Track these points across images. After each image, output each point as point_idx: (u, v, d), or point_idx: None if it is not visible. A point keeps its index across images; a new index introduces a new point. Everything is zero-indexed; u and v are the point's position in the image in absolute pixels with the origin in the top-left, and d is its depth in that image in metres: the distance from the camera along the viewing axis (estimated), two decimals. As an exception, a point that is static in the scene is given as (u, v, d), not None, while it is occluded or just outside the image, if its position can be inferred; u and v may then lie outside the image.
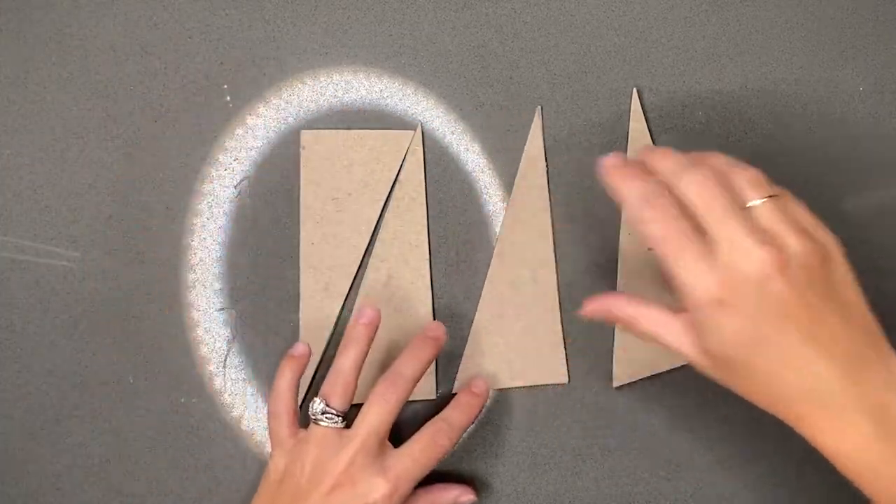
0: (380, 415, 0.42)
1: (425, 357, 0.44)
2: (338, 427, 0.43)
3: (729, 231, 0.35)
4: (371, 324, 0.44)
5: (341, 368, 0.44)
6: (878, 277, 0.51)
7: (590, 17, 0.53)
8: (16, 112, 0.50)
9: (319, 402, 0.43)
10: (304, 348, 0.46)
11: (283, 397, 0.44)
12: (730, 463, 0.48)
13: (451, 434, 0.43)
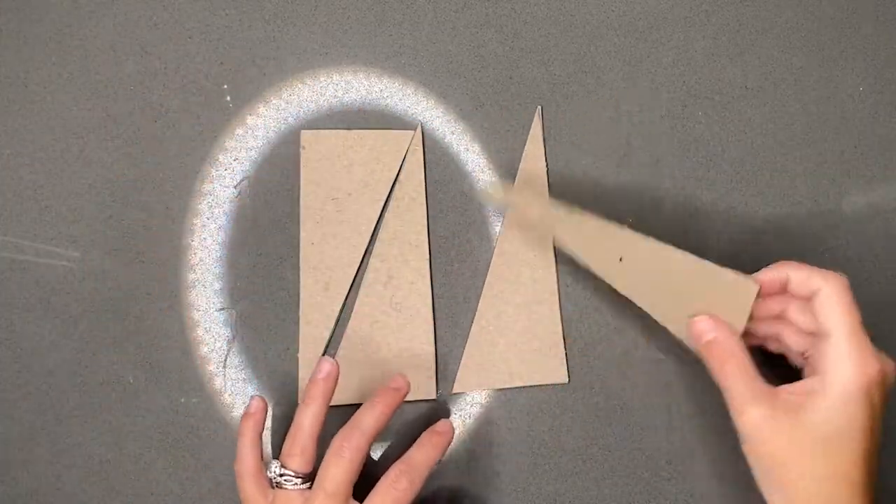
0: (337, 474, 0.41)
1: (385, 409, 0.43)
2: (299, 489, 0.42)
3: None
4: (328, 378, 0.44)
5: (300, 427, 0.42)
6: (878, 277, 0.51)
7: (590, 17, 0.53)
8: (16, 112, 0.50)
9: (277, 467, 0.42)
10: (258, 403, 0.45)
11: (246, 458, 0.44)
12: (729, 463, 0.48)
13: (411, 475, 0.42)
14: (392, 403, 0.43)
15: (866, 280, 0.51)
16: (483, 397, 0.49)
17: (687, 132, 0.52)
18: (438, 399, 0.48)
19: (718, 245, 0.50)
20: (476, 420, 0.49)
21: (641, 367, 0.49)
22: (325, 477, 0.41)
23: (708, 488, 0.48)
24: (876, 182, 0.52)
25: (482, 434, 0.48)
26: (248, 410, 0.45)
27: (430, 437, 0.44)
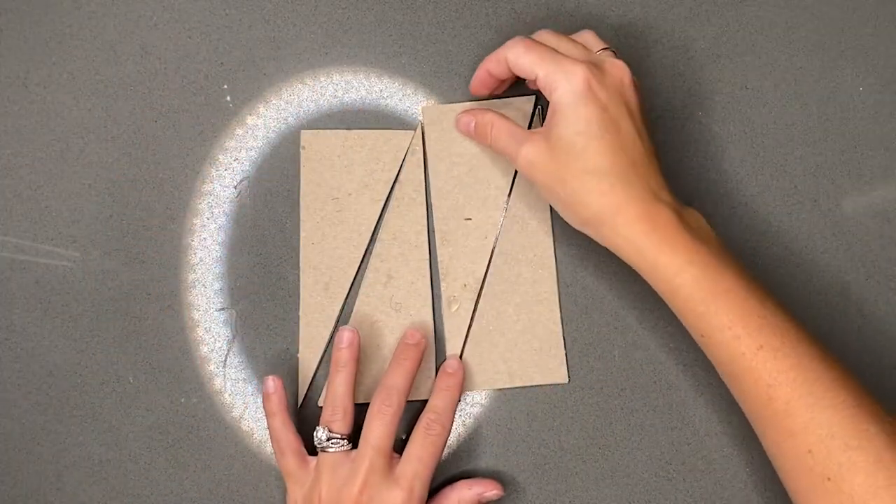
0: (381, 431, 0.43)
1: (411, 365, 0.45)
2: (345, 450, 0.44)
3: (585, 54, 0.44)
4: (352, 346, 0.46)
5: (336, 393, 0.45)
6: (878, 277, 0.51)
7: (589, 17, 0.53)
8: (16, 112, 0.50)
9: (323, 431, 0.44)
10: (274, 382, 0.46)
11: (283, 435, 0.45)
12: (729, 463, 0.48)
13: (441, 420, 0.45)
14: (416, 358, 0.46)
15: (866, 280, 0.51)
16: (483, 397, 0.49)
17: (687, 132, 0.52)
18: (438, 399, 0.48)
19: (718, 245, 0.50)
20: (476, 420, 0.49)
21: (641, 367, 0.49)
22: (371, 435, 0.43)
23: (708, 488, 0.48)
24: (876, 182, 0.52)
25: (482, 434, 0.48)
26: (266, 391, 0.46)
27: (446, 381, 0.47)
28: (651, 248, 0.41)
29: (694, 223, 0.42)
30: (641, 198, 0.41)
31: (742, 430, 0.49)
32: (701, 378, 0.49)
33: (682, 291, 0.41)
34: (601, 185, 0.42)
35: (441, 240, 0.49)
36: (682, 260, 0.40)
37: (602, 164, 0.42)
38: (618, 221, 0.41)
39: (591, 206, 0.42)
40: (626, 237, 0.42)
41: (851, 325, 0.44)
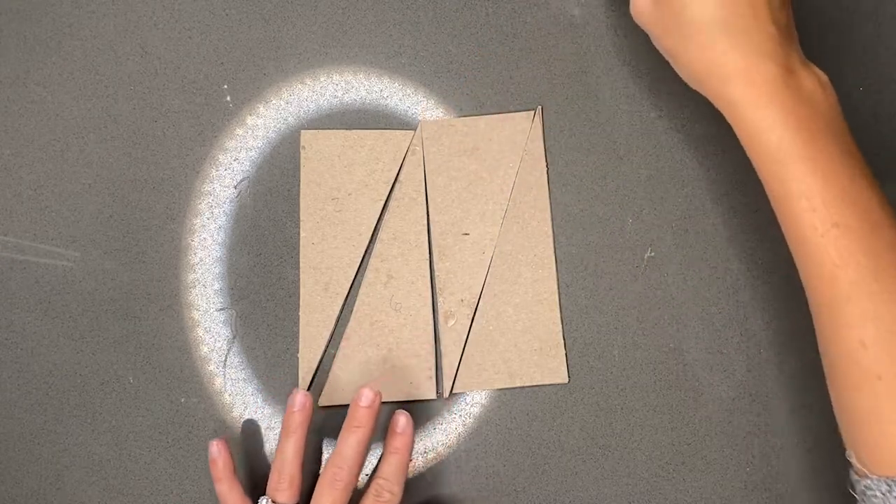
0: (333, 502, 0.43)
1: (364, 433, 0.44)
2: None
3: None
4: (304, 409, 0.44)
5: (284, 460, 0.44)
6: (878, 277, 0.51)
7: (589, 17, 0.53)
8: (16, 112, 0.50)
9: (267, 501, 0.43)
10: (218, 445, 0.45)
11: (227, 499, 0.44)
12: (729, 463, 0.48)
13: (390, 486, 0.44)
14: (371, 423, 0.44)
15: (866, 280, 0.51)
16: (483, 397, 0.49)
17: (687, 132, 0.52)
18: (438, 399, 0.48)
19: (719, 245, 0.50)
20: (476, 420, 0.49)
21: (641, 367, 0.49)
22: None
23: (708, 488, 0.48)
24: (876, 182, 0.52)
25: (482, 434, 0.48)
26: (211, 456, 0.45)
27: (394, 443, 0.45)
28: (745, 103, 0.39)
29: (808, 84, 0.39)
30: (743, 52, 0.39)
31: (742, 431, 0.49)
32: (701, 378, 0.49)
33: (767, 149, 0.38)
34: (700, 38, 0.39)
35: (439, 254, 0.49)
36: (774, 119, 0.38)
37: (703, 14, 0.39)
38: (717, 77, 0.40)
39: (692, 62, 0.40)
40: (723, 93, 0.40)
41: (851, 325, 0.44)
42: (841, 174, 0.37)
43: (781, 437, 0.48)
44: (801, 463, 0.48)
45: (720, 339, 0.49)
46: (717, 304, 0.50)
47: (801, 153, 0.37)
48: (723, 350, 0.49)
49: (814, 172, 0.37)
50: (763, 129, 0.38)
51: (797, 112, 0.38)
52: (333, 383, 0.48)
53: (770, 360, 0.49)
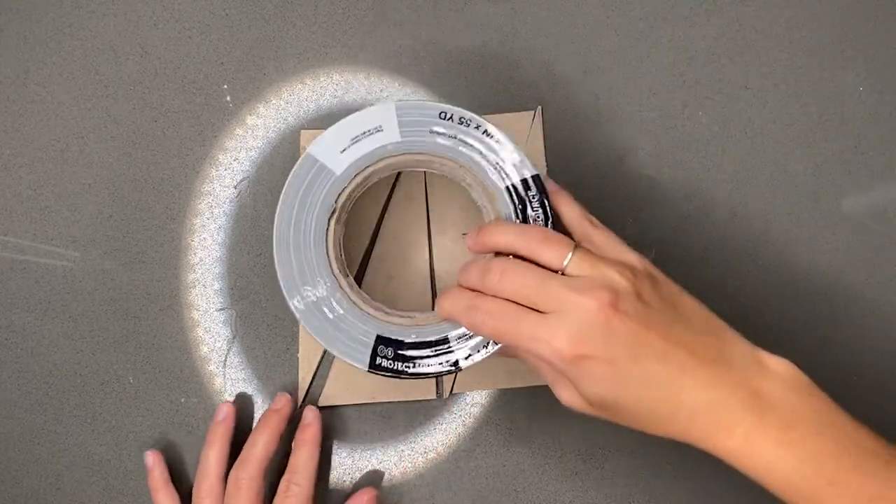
0: None
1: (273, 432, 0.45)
2: None
3: (553, 296, 0.37)
4: (228, 419, 0.46)
5: (205, 471, 0.45)
6: (878, 277, 0.51)
7: (590, 17, 0.53)
8: (16, 112, 0.50)
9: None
10: (153, 457, 0.46)
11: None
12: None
13: (299, 480, 0.44)
14: (277, 426, 0.46)
15: (866, 280, 0.51)
16: (483, 397, 0.49)
17: (687, 132, 0.52)
18: (438, 399, 0.48)
19: (719, 245, 0.50)
20: (476, 420, 0.49)
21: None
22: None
23: (708, 488, 0.48)
24: (876, 182, 0.52)
25: (482, 434, 0.48)
26: (148, 466, 0.46)
27: (302, 435, 0.46)
28: (733, 457, 0.38)
29: (778, 396, 0.37)
30: (704, 409, 0.37)
31: (742, 430, 0.49)
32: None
33: (778, 489, 0.38)
34: (659, 421, 0.38)
35: (438, 255, 0.49)
36: (768, 459, 0.37)
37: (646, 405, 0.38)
38: (694, 439, 0.38)
39: (664, 433, 0.39)
40: (709, 449, 0.38)
41: (852, 325, 0.44)
42: (861, 480, 0.37)
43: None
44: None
45: (720, 339, 0.49)
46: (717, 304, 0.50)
47: (815, 483, 0.37)
48: (723, 350, 0.49)
49: (841, 497, 0.37)
50: (763, 472, 0.38)
51: (786, 439, 0.37)
52: (333, 383, 0.48)
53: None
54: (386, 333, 0.40)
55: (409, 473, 0.48)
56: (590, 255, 0.39)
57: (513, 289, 0.38)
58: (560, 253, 0.38)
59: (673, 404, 0.37)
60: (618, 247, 0.41)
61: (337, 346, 0.40)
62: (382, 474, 0.48)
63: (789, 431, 0.37)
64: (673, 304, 0.39)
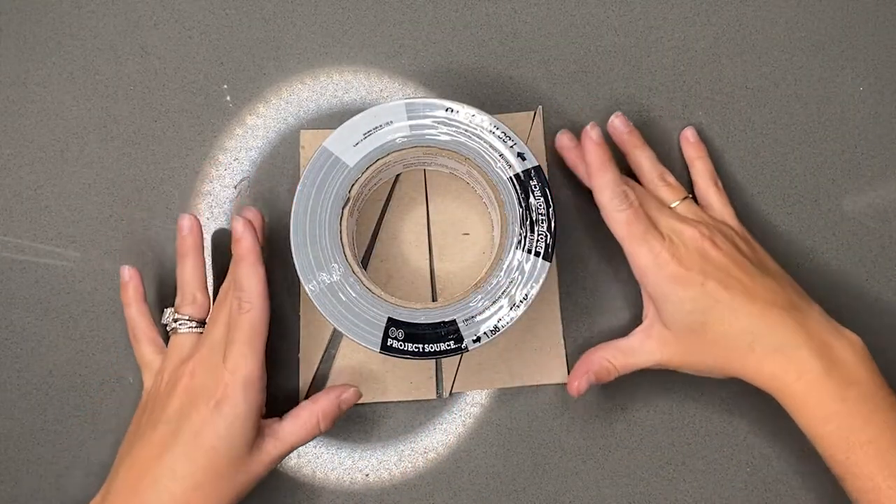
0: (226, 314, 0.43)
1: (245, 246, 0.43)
2: (194, 332, 0.44)
3: (663, 221, 0.44)
4: (193, 231, 0.46)
5: (184, 281, 0.45)
6: (878, 277, 0.51)
7: (590, 17, 0.53)
8: (16, 112, 0.50)
9: (170, 313, 0.45)
10: (129, 271, 0.46)
11: (138, 323, 0.46)
12: (729, 463, 0.48)
13: (250, 298, 0.42)
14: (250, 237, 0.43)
15: (866, 280, 0.51)
16: (483, 397, 0.49)
17: (687, 132, 0.52)
18: (438, 399, 0.48)
19: (718, 245, 0.50)
20: (476, 420, 0.49)
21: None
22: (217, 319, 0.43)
23: (708, 488, 0.48)
24: (876, 182, 0.52)
25: (482, 434, 0.48)
26: (123, 281, 0.46)
27: (236, 251, 0.43)
28: (794, 401, 0.41)
29: (846, 357, 0.41)
30: (779, 348, 0.41)
31: (742, 431, 0.49)
32: (701, 378, 0.49)
33: (825, 441, 0.41)
34: (735, 351, 0.42)
35: (438, 254, 0.49)
36: (826, 411, 0.40)
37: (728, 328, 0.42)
38: (763, 376, 0.42)
39: (734, 369, 0.43)
40: (769, 390, 0.42)
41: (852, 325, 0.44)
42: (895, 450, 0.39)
43: (781, 437, 0.48)
44: (801, 463, 0.48)
45: (720, 339, 0.49)
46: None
47: (858, 439, 0.40)
48: (723, 350, 0.49)
49: (870, 457, 0.40)
50: (818, 421, 0.41)
51: (844, 397, 0.40)
52: (333, 383, 0.48)
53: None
54: (396, 316, 0.42)
55: (409, 473, 0.48)
56: (695, 206, 0.47)
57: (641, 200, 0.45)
58: (673, 195, 0.47)
59: (753, 336, 0.41)
60: (726, 210, 0.48)
61: (350, 329, 0.42)
62: (382, 474, 0.48)
63: (850, 388, 0.40)
64: (762, 262, 0.45)
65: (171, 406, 0.41)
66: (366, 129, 0.44)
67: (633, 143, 0.49)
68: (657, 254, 0.43)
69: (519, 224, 0.43)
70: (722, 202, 0.48)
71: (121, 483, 0.40)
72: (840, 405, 0.40)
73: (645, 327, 0.46)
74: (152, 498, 0.39)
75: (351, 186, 0.43)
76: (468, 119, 0.44)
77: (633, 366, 0.45)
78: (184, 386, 0.41)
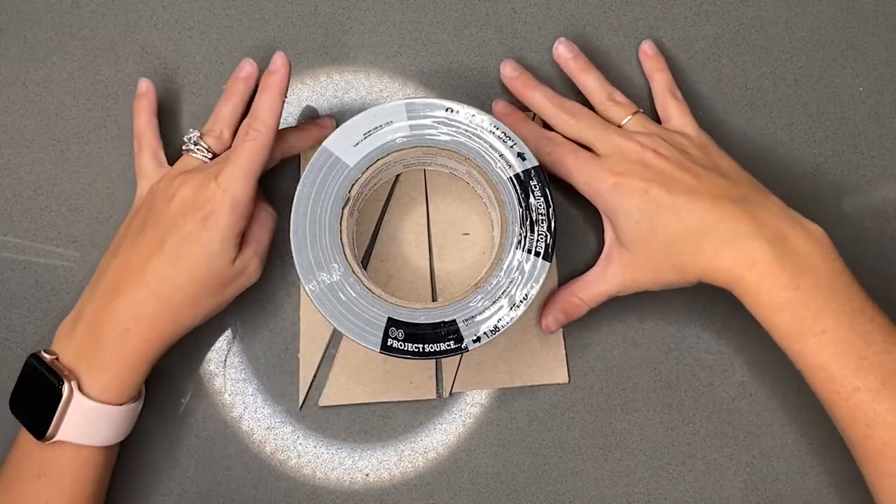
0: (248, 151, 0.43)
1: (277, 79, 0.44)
2: (205, 160, 0.46)
3: (607, 138, 0.45)
4: (250, 78, 0.47)
5: (219, 116, 0.46)
6: (878, 277, 0.51)
7: (590, 17, 0.53)
8: (16, 112, 0.50)
9: (195, 133, 0.46)
10: (147, 83, 0.48)
11: (146, 134, 0.47)
12: (730, 463, 0.48)
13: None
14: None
15: (866, 280, 0.51)
16: (483, 397, 0.49)
17: (687, 132, 0.52)
18: (438, 399, 0.48)
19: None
20: (476, 420, 0.49)
21: (641, 367, 0.49)
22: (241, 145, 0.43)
23: (708, 488, 0.48)
24: (876, 182, 0.52)
25: (482, 434, 0.48)
26: (139, 91, 0.48)
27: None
28: (747, 289, 0.41)
29: (802, 246, 0.41)
30: (729, 240, 0.41)
31: (742, 431, 0.49)
32: (701, 378, 0.49)
33: (778, 331, 0.40)
34: (686, 251, 0.42)
35: (438, 254, 0.49)
36: (778, 299, 0.40)
37: (676, 230, 0.42)
38: (717, 270, 0.41)
39: (691, 271, 0.42)
40: (725, 284, 0.42)
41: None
42: (855, 339, 0.39)
43: (781, 437, 0.48)
44: (801, 463, 0.48)
45: (720, 339, 0.49)
46: (717, 303, 0.50)
47: (809, 329, 0.39)
48: (723, 350, 0.49)
49: (824, 346, 0.39)
50: (771, 310, 0.40)
51: (798, 286, 0.39)
52: (333, 383, 0.48)
53: (770, 360, 0.48)
54: (396, 316, 0.42)
55: (409, 473, 0.48)
56: (646, 120, 0.47)
57: (578, 128, 0.46)
58: (622, 113, 0.47)
59: (701, 233, 0.41)
60: (684, 118, 0.48)
61: (350, 329, 0.41)
62: (382, 474, 0.48)
63: (803, 277, 0.40)
64: (715, 163, 0.44)
65: (163, 214, 0.42)
66: (366, 129, 0.44)
67: (579, 67, 0.49)
68: (593, 172, 0.44)
69: (519, 224, 0.43)
70: (680, 111, 0.48)
71: (106, 285, 0.42)
72: (793, 293, 0.39)
73: (605, 253, 0.46)
74: (138, 294, 0.41)
75: (351, 186, 0.43)
76: (468, 119, 0.44)
77: (601, 294, 0.45)
78: (180, 196, 0.42)
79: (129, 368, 0.41)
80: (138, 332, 0.41)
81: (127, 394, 0.42)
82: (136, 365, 0.42)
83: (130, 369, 0.41)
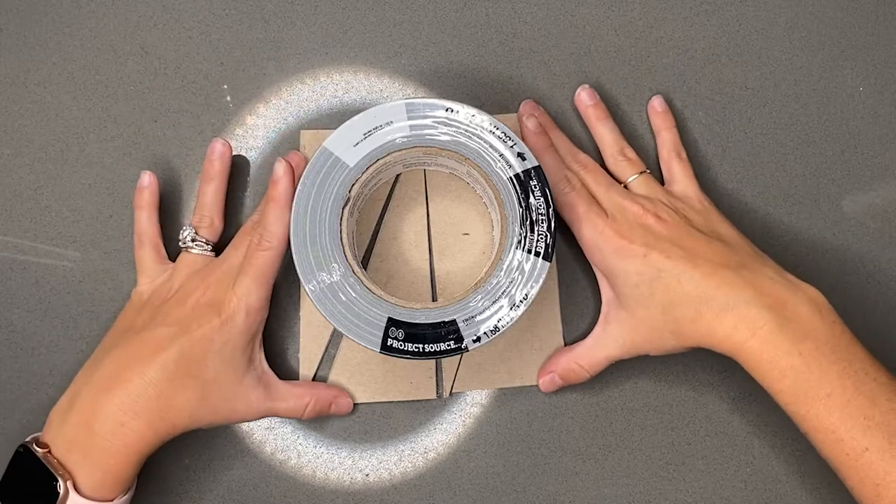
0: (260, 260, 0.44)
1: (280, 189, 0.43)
2: (207, 254, 0.46)
3: (611, 199, 0.46)
4: (224, 156, 0.47)
5: (204, 204, 0.47)
6: (878, 277, 0.51)
7: (590, 17, 0.53)
8: (16, 112, 0.50)
9: (189, 230, 0.46)
10: (149, 177, 0.48)
11: (147, 228, 0.47)
12: (729, 463, 0.48)
13: (271, 238, 0.43)
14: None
15: (866, 280, 0.51)
16: (483, 397, 0.49)
17: (687, 132, 0.52)
18: (438, 399, 0.48)
19: (718, 245, 0.50)
20: (476, 420, 0.49)
21: (641, 367, 0.49)
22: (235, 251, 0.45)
23: (708, 488, 0.48)
24: (876, 182, 0.52)
25: (482, 434, 0.48)
26: (140, 185, 0.48)
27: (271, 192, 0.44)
28: (748, 357, 0.41)
29: (801, 310, 0.41)
30: (729, 307, 0.41)
31: (742, 431, 0.49)
32: (701, 378, 0.49)
33: (783, 396, 0.40)
34: (685, 318, 0.42)
35: (438, 254, 0.49)
36: (782, 366, 0.40)
37: (675, 296, 0.42)
38: (717, 338, 0.41)
39: (690, 337, 0.42)
40: (725, 350, 0.42)
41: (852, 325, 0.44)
42: (861, 400, 0.39)
43: (781, 437, 0.48)
44: (801, 463, 0.48)
45: (720, 339, 0.49)
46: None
47: (816, 393, 0.39)
48: (723, 350, 0.49)
49: (830, 409, 0.39)
50: (775, 377, 0.40)
51: (802, 350, 0.40)
52: (333, 383, 0.48)
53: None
54: (396, 316, 0.42)
55: (409, 473, 0.48)
56: (652, 181, 0.48)
57: (584, 182, 0.47)
58: (630, 170, 0.48)
59: (700, 300, 0.42)
60: (687, 181, 0.48)
61: (350, 329, 0.42)
62: (382, 474, 0.48)
63: (805, 343, 0.40)
64: (715, 230, 0.45)
65: (177, 314, 0.43)
66: (366, 129, 0.44)
67: (596, 115, 0.50)
68: (600, 230, 0.44)
69: (519, 224, 0.43)
70: (684, 173, 0.49)
71: (103, 374, 0.41)
72: (796, 359, 0.40)
73: (603, 314, 0.47)
74: (138, 388, 0.40)
75: (351, 186, 0.43)
76: (468, 119, 0.44)
77: (602, 360, 0.46)
78: (195, 299, 0.43)
79: (123, 463, 0.40)
80: (134, 427, 0.40)
81: (120, 488, 0.41)
82: (129, 460, 0.41)
83: (125, 464, 0.41)
